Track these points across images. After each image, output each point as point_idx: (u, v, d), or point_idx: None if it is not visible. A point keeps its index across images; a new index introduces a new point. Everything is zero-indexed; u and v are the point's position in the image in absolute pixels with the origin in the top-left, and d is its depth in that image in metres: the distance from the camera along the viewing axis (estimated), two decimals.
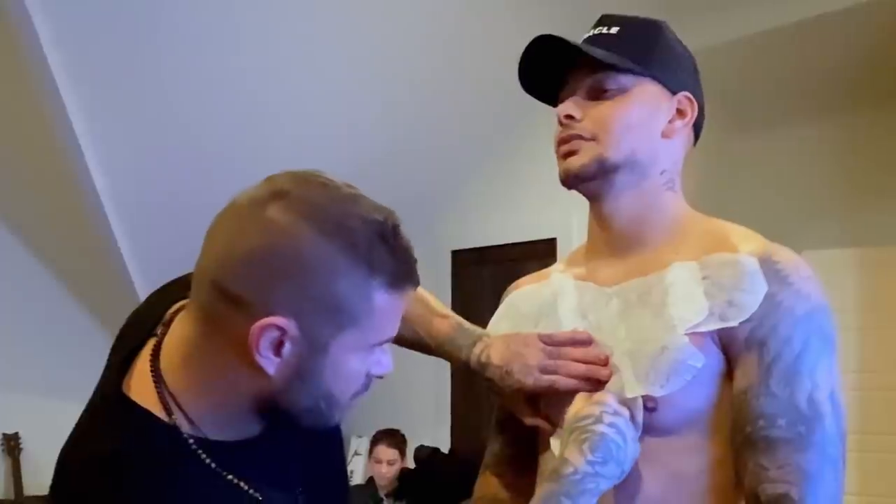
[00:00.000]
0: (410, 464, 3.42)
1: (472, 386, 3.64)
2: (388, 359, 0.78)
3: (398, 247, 0.74)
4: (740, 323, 0.90)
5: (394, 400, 3.92)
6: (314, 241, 0.69)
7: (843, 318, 3.25)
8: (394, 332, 0.76)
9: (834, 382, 0.90)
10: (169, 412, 0.74)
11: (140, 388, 0.76)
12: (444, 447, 3.60)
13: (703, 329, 0.92)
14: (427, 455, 3.42)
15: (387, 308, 0.74)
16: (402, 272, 0.74)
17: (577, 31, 1.12)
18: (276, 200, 0.70)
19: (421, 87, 3.11)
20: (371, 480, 3.39)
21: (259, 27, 2.63)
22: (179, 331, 0.76)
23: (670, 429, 0.93)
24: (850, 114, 3.50)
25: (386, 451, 3.32)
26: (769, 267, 0.92)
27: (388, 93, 3.07)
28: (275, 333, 0.69)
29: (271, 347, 0.70)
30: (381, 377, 0.78)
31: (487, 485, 1.17)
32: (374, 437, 3.43)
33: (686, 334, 0.92)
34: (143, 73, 2.59)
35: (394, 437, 3.38)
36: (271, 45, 2.70)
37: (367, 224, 0.72)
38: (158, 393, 0.74)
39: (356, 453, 3.93)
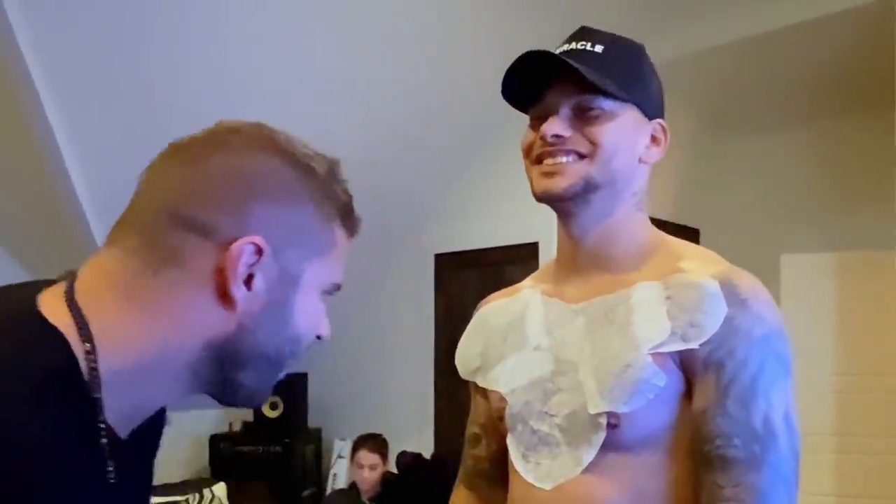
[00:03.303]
0: (393, 468, 3.42)
1: (456, 391, 3.64)
2: (327, 322, 0.74)
3: (347, 188, 0.73)
4: (700, 344, 0.92)
5: (377, 404, 3.92)
6: (280, 165, 0.68)
7: (823, 321, 3.29)
8: (342, 277, 0.74)
9: (788, 403, 0.92)
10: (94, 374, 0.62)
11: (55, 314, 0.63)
12: (427, 452, 3.60)
13: (665, 349, 0.94)
14: (410, 461, 3.42)
15: (342, 246, 0.72)
16: (352, 212, 0.73)
17: (562, 38, 1.13)
18: (232, 135, 0.69)
19: (404, 91, 3.11)
20: (354, 485, 3.39)
21: (246, 22, 2.63)
22: (102, 275, 0.66)
23: (632, 446, 0.94)
24: (831, 120, 3.54)
25: (367, 456, 3.31)
26: (729, 290, 0.94)
27: (372, 97, 3.08)
28: (251, 258, 0.65)
29: (244, 276, 0.65)
30: (320, 339, 0.74)
31: (462, 499, 1.19)
32: (356, 441, 3.43)
33: (649, 354, 0.94)
34: (123, 67, 2.57)
35: (375, 442, 3.38)
36: (257, 44, 2.70)
37: (322, 157, 0.71)
38: (81, 333, 0.62)
39: (339, 456, 3.93)
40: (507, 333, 1.10)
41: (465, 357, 1.16)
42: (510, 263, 3.46)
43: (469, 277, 3.67)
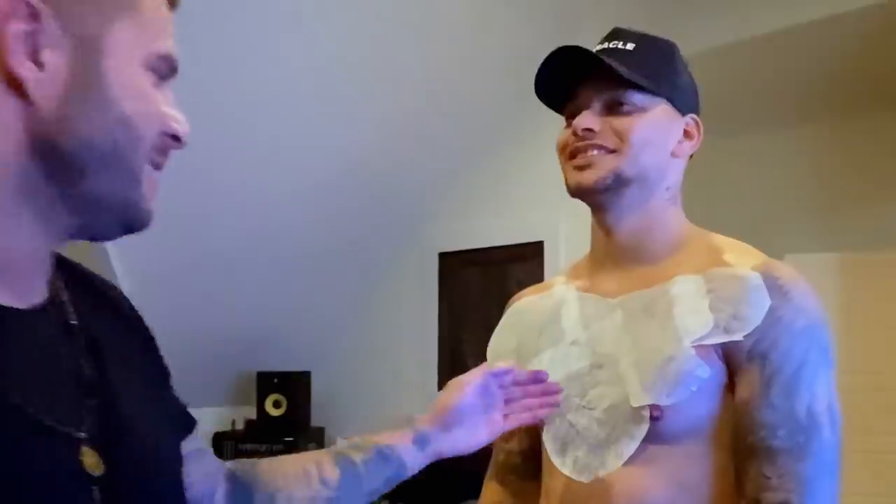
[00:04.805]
0: None
1: None
2: (182, 115, 0.64)
3: None
4: (744, 336, 0.94)
5: (381, 403, 3.93)
6: None
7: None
8: (170, 49, 0.62)
9: (831, 394, 0.94)
10: None
11: None
12: None
13: (708, 341, 0.95)
14: None
15: (152, 8, 0.61)
16: None
17: (566, 36, 1.14)
18: None
19: (410, 89, 3.12)
20: None
21: (249, 22, 2.64)
22: None
23: (674, 437, 0.96)
24: (832, 120, 3.56)
25: None
26: (771, 282, 0.96)
27: (377, 94, 3.09)
28: (27, 25, 0.53)
29: (27, 50, 0.53)
30: (178, 139, 0.63)
31: (493, 492, 1.20)
32: None
33: (692, 346, 0.95)
34: None
35: None
36: (261, 42, 2.70)
37: None
38: None
39: None
40: (541, 328, 1.11)
41: (499, 352, 1.17)
42: (515, 262, 3.47)
43: (473, 276, 3.68)
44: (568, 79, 1.04)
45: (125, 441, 0.60)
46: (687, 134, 1.06)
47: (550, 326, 1.10)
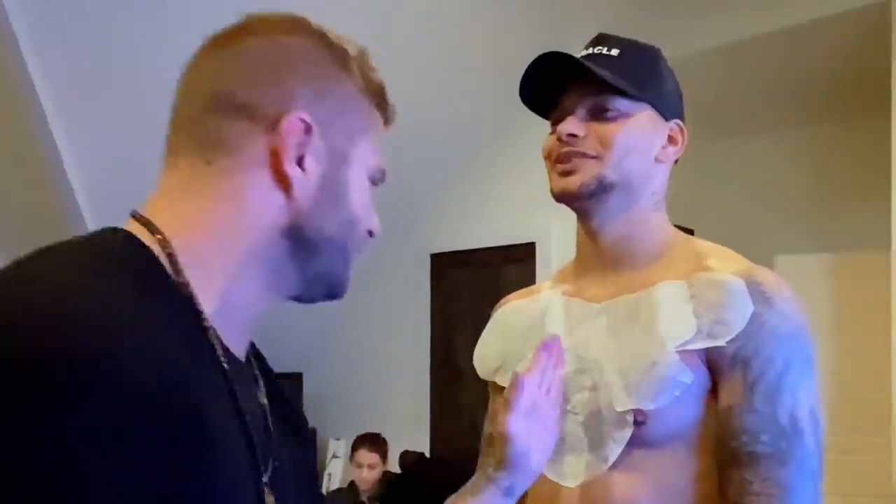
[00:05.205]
0: (392, 468, 3.43)
1: (451, 389, 3.65)
2: (377, 217, 0.75)
3: (378, 76, 0.74)
4: (727, 341, 0.94)
5: (373, 404, 3.92)
6: (315, 45, 0.69)
7: (816, 322, 3.31)
8: (382, 166, 0.74)
9: (813, 399, 0.95)
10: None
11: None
12: (423, 450, 3.61)
13: (692, 347, 0.96)
14: (413, 460, 3.42)
15: (380, 129, 0.74)
16: (386, 97, 0.75)
17: (555, 39, 1.14)
18: (264, 21, 0.70)
19: (401, 90, 3.11)
20: (353, 484, 3.39)
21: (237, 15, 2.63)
22: (160, 186, 0.68)
23: (658, 442, 0.96)
24: (822, 122, 3.58)
25: (367, 456, 3.31)
26: (754, 288, 0.96)
27: None
28: (301, 137, 0.66)
29: (296, 157, 0.66)
30: (371, 235, 0.75)
31: None
32: (355, 441, 3.43)
33: (676, 351, 0.96)
34: (126, 68, 2.57)
35: (375, 442, 3.38)
36: None
37: (352, 43, 0.72)
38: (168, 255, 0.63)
39: (334, 456, 3.93)
40: (527, 333, 1.11)
41: (485, 357, 1.17)
42: (507, 264, 3.47)
43: (465, 277, 3.68)
44: (553, 85, 1.05)
45: (286, 496, 0.69)
46: (671, 139, 1.06)
47: (536, 331, 1.10)
